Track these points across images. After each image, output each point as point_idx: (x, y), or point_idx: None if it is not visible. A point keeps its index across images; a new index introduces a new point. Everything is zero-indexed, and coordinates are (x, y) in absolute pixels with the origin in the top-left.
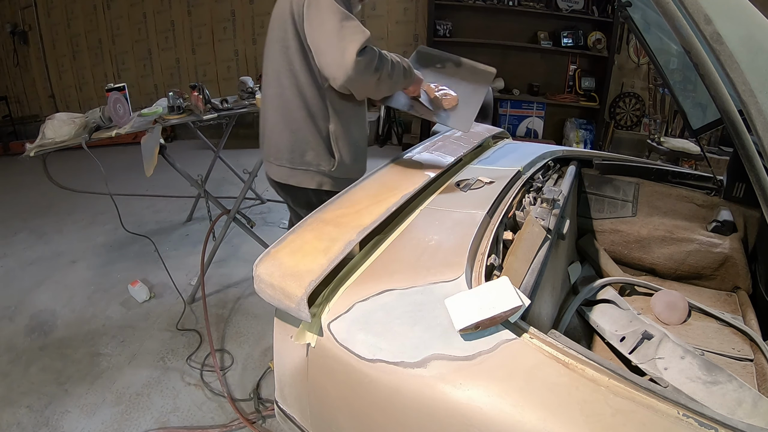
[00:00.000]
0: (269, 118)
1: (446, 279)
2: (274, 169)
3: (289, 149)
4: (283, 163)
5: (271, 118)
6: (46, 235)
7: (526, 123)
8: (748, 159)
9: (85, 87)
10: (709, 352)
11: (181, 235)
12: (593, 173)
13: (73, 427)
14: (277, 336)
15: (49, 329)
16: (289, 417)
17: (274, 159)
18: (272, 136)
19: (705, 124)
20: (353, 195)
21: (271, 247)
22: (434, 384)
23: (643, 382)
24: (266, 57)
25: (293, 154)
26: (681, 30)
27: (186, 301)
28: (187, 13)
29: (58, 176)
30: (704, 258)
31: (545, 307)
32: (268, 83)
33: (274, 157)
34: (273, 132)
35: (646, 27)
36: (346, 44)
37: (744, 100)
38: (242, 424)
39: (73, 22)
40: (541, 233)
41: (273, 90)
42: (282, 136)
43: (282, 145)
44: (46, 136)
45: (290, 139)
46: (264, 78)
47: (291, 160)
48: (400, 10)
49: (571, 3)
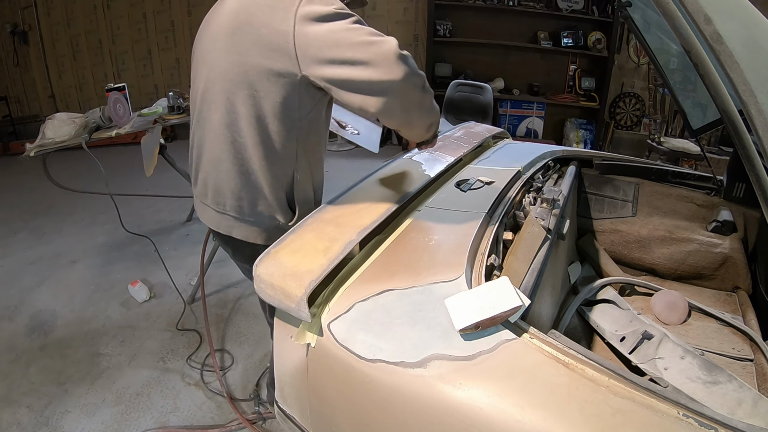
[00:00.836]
0: (209, 151)
1: (446, 279)
2: (212, 214)
3: (235, 195)
4: (225, 210)
5: (212, 151)
6: (46, 235)
7: (526, 123)
8: (748, 159)
9: (85, 87)
10: (709, 352)
11: (181, 235)
12: (593, 173)
13: (73, 427)
14: (277, 336)
15: (49, 329)
16: (289, 417)
17: (212, 203)
18: (212, 175)
19: (705, 124)
20: (353, 195)
21: (271, 247)
22: (434, 384)
23: (643, 382)
24: (205, 67)
25: (240, 202)
26: (681, 30)
27: (186, 301)
28: (187, 13)
29: (58, 176)
30: (704, 258)
31: (545, 307)
32: (210, 105)
33: (213, 201)
34: (214, 170)
35: (646, 27)
36: (382, 39)
37: (744, 100)
38: (242, 424)
39: (73, 22)
40: (541, 233)
41: (220, 116)
42: (227, 176)
43: (226, 188)
44: (46, 136)
45: (238, 183)
46: (201, 95)
47: (237, 209)
48: (400, 10)
49: (571, 3)
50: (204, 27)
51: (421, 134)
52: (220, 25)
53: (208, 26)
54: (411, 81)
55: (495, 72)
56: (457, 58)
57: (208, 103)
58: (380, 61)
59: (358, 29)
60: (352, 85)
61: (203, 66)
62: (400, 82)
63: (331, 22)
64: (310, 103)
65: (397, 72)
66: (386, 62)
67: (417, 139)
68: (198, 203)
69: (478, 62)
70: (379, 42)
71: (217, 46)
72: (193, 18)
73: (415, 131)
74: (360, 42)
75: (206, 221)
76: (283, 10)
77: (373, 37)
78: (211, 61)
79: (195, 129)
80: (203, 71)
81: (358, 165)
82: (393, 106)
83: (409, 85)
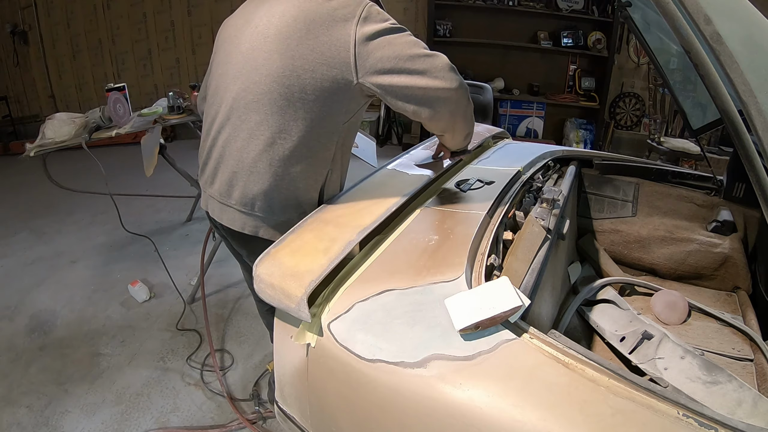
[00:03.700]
0: (241, 152)
1: (446, 279)
2: (235, 215)
3: (267, 196)
4: (253, 211)
5: (245, 152)
6: (46, 235)
7: (526, 123)
8: (748, 159)
9: (85, 87)
10: (709, 352)
11: (181, 235)
12: (593, 173)
13: (73, 427)
14: (277, 336)
15: (49, 329)
16: (289, 417)
17: (239, 204)
18: (242, 176)
19: (705, 124)
20: (353, 195)
21: (271, 247)
22: (434, 384)
23: (643, 382)
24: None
25: (271, 202)
26: (681, 30)
27: (186, 301)
28: (187, 13)
29: (58, 176)
30: (704, 258)
31: (545, 307)
32: (250, 105)
33: (240, 201)
34: (246, 172)
35: (646, 27)
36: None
37: (744, 100)
38: (242, 424)
39: (73, 22)
40: (541, 233)
41: (262, 118)
42: (260, 177)
43: (257, 189)
44: (46, 136)
45: (272, 184)
46: (237, 94)
47: (267, 209)
48: (400, 10)
49: (571, 3)
50: (242, 24)
51: (459, 142)
52: (270, 26)
53: (250, 24)
54: (463, 89)
55: (495, 72)
56: (457, 58)
57: (246, 102)
58: (437, 71)
59: (415, 42)
60: (408, 92)
61: (243, 64)
62: (454, 90)
63: (388, 35)
64: (355, 108)
65: (453, 81)
66: (442, 72)
67: (454, 147)
68: (216, 203)
69: (478, 62)
70: (434, 54)
71: (267, 47)
72: (193, 18)
73: (456, 138)
74: (418, 54)
75: (228, 223)
76: (343, 22)
77: (428, 50)
78: (258, 61)
79: (221, 127)
80: (243, 70)
81: (358, 165)
82: (444, 112)
83: (460, 93)
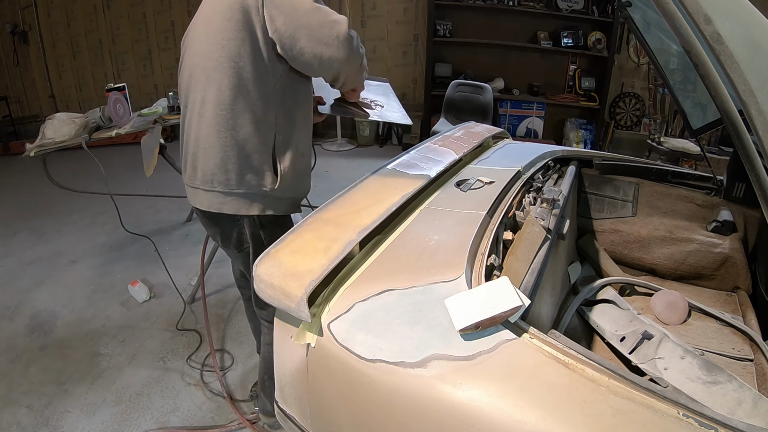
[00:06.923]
0: (196, 132)
1: (446, 279)
2: (202, 196)
3: (222, 168)
4: (213, 187)
5: (199, 131)
6: (46, 235)
7: (526, 123)
8: (748, 159)
9: (85, 87)
10: (709, 352)
11: (181, 235)
12: (593, 173)
13: (73, 427)
14: (277, 336)
15: (49, 329)
16: (289, 417)
17: (201, 183)
18: (200, 155)
19: (705, 124)
20: (353, 195)
21: (271, 247)
22: (434, 384)
23: (643, 382)
24: (193, 56)
25: (228, 175)
26: (681, 30)
27: (186, 301)
28: (187, 13)
29: (58, 176)
30: (704, 258)
31: (545, 307)
32: (195, 88)
33: (202, 180)
34: (202, 149)
35: (646, 27)
36: (335, 19)
37: (744, 100)
38: (242, 425)
39: (73, 22)
40: (541, 233)
41: (202, 94)
42: (213, 151)
43: (212, 163)
44: (46, 136)
45: (225, 155)
46: (188, 83)
47: (225, 182)
48: (400, 10)
49: (571, 3)
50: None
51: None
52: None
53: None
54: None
55: (495, 72)
56: (457, 58)
57: (193, 85)
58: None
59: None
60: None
61: (187, 55)
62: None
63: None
64: (279, 69)
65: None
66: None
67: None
68: (189, 189)
69: (478, 62)
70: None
71: (198, 32)
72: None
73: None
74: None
75: (197, 204)
76: None
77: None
78: (193, 48)
79: (183, 115)
80: (187, 60)
81: (358, 165)
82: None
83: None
